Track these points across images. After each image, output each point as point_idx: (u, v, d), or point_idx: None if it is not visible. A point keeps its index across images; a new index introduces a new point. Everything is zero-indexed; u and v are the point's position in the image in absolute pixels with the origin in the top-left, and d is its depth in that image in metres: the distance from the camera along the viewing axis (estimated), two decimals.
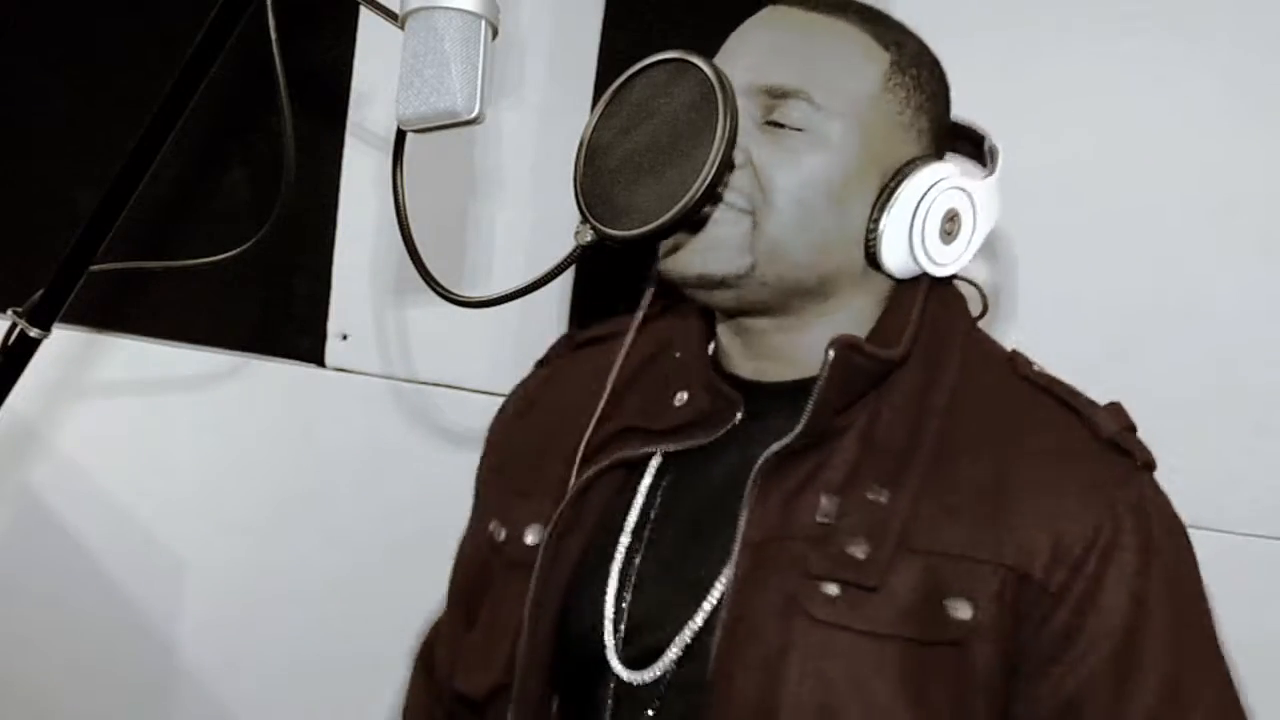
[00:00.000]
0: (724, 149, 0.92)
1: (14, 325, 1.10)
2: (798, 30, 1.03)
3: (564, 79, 1.65)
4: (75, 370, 1.68)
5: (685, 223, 0.96)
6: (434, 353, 1.73)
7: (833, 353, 0.97)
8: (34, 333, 1.10)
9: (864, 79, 1.01)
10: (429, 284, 1.06)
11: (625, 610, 1.03)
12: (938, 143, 1.06)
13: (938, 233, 1.01)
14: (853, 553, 0.94)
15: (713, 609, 0.98)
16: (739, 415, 1.03)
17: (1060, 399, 1.01)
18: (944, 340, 1.03)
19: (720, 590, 0.98)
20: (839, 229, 1.00)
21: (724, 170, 0.93)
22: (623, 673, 1.01)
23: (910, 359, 1.01)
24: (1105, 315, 1.45)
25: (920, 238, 1.00)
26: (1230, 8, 1.41)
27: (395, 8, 1.05)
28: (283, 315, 1.74)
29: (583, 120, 1.02)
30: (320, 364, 1.74)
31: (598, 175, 0.99)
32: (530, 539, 1.08)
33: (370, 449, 1.74)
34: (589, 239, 0.99)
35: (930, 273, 1.02)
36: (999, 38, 1.39)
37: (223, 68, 1.09)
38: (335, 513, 1.74)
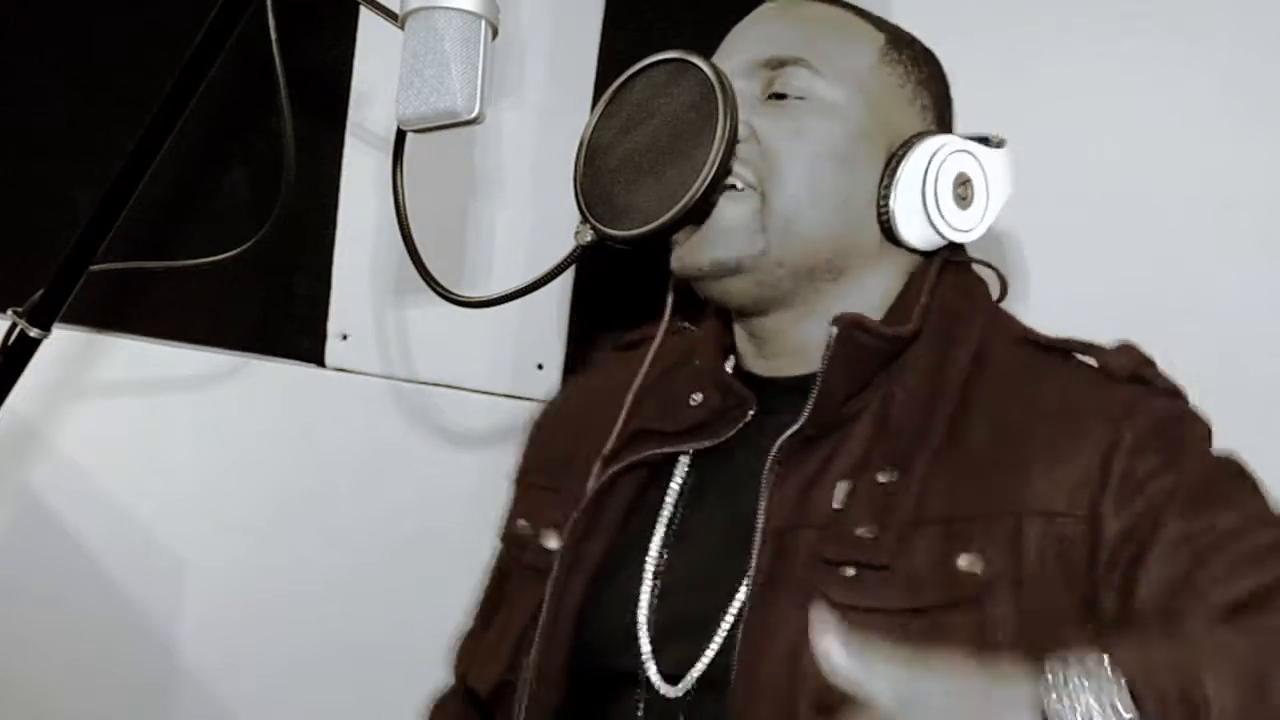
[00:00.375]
0: (724, 149, 0.92)
1: (14, 325, 1.10)
2: (793, 13, 1.05)
3: (564, 79, 1.65)
4: (75, 370, 1.68)
5: (685, 222, 0.96)
6: (434, 353, 1.73)
7: (835, 330, 0.96)
8: (34, 333, 1.10)
9: (860, 52, 1.02)
10: (429, 284, 1.06)
11: (654, 618, 1.02)
12: (943, 124, 1.06)
13: (951, 197, 1.00)
14: (862, 534, 0.93)
15: (739, 608, 0.97)
16: (751, 412, 1.03)
17: (1071, 351, 1.00)
18: (961, 318, 1.01)
19: (745, 587, 0.97)
20: (850, 197, 1.00)
21: (724, 170, 0.93)
22: (659, 684, 0.99)
23: (923, 337, 0.99)
24: (1106, 314, 1.44)
25: (935, 202, 0.99)
26: (1230, 8, 1.41)
27: (395, 8, 1.05)
28: (283, 315, 1.74)
29: (583, 120, 1.02)
30: (320, 364, 1.73)
31: (598, 175, 0.99)
32: (550, 543, 1.07)
33: (370, 449, 1.74)
34: (589, 239, 0.99)
35: (950, 239, 1.01)
36: (999, 38, 1.40)
37: (223, 68, 1.09)
38: (335, 513, 1.74)
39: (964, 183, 1.00)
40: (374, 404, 1.73)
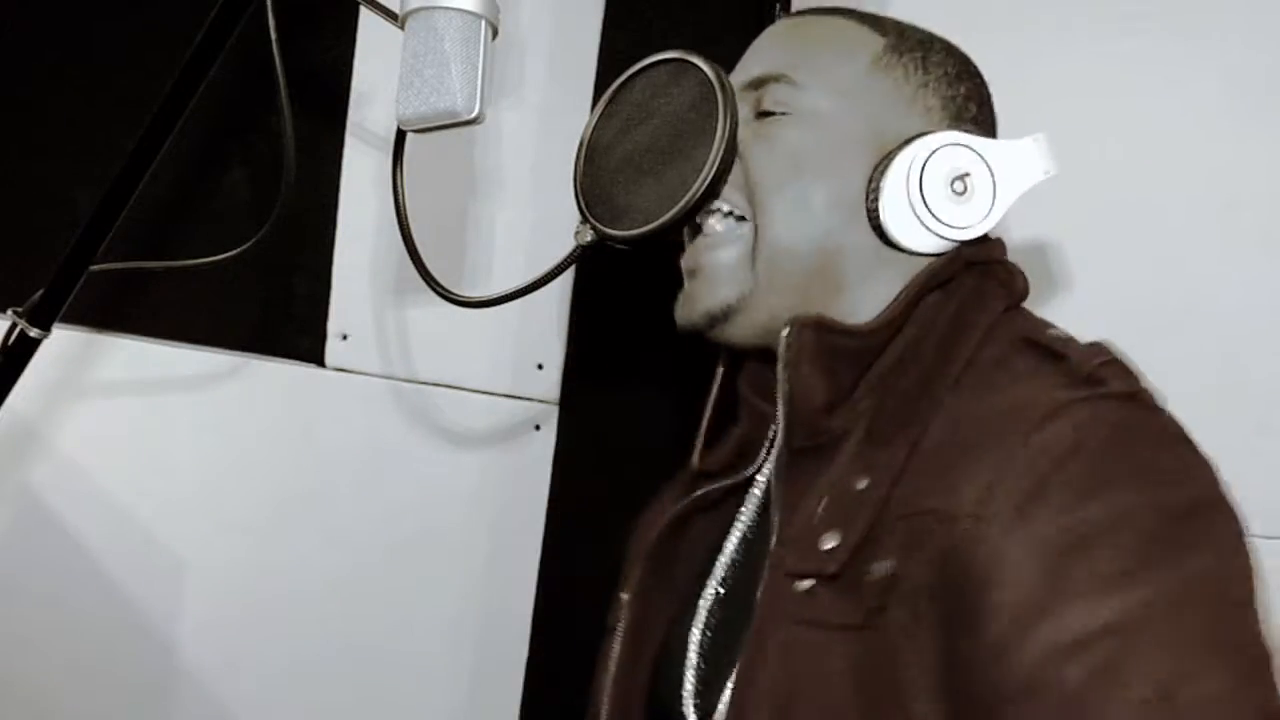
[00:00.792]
0: (724, 149, 0.92)
1: (14, 325, 1.10)
2: (789, 30, 1.03)
3: (564, 79, 1.65)
4: (75, 370, 1.68)
5: (685, 223, 0.96)
6: (434, 353, 1.73)
7: (786, 329, 0.92)
8: (34, 333, 1.10)
9: (851, 59, 0.99)
10: (429, 284, 1.06)
11: (699, 657, 1.00)
12: (959, 124, 1.00)
13: (944, 193, 0.94)
14: (822, 544, 0.89)
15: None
16: (772, 430, 1.01)
17: (1047, 348, 0.91)
18: (968, 324, 0.96)
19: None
20: (833, 205, 0.95)
21: (725, 170, 0.93)
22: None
23: (925, 345, 0.95)
24: (1107, 314, 1.44)
25: (922, 200, 0.94)
26: (1231, 8, 1.41)
27: (395, 8, 1.05)
28: (283, 315, 1.74)
29: (583, 120, 1.02)
30: (320, 364, 1.74)
31: (598, 175, 0.99)
32: (626, 597, 1.06)
33: (370, 449, 1.74)
34: (589, 239, 0.99)
35: (948, 237, 0.95)
36: (998, 38, 1.39)
37: (223, 68, 1.09)
38: (335, 513, 1.74)
39: (960, 177, 0.95)
40: (374, 404, 1.73)
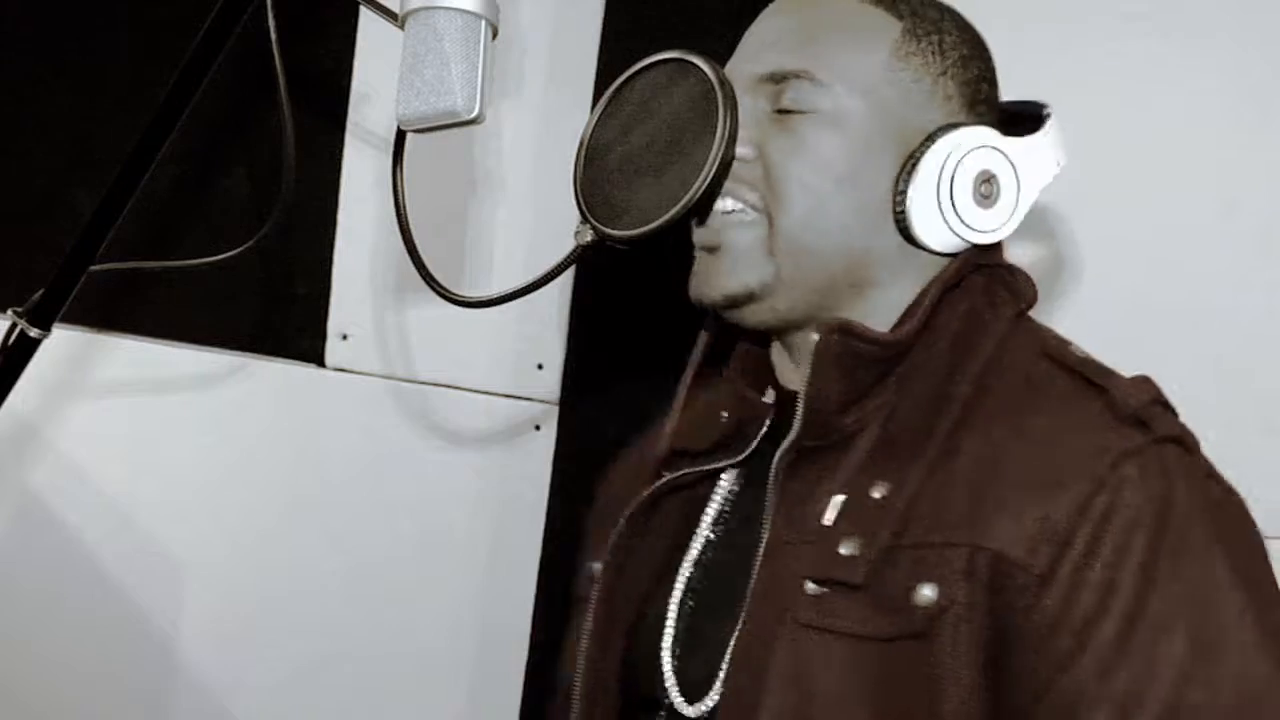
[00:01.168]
0: (724, 148, 0.91)
1: (14, 325, 1.10)
2: (800, 13, 1.00)
3: (564, 79, 1.65)
4: (75, 370, 1.68)
5: (685, 222, 0.96)
6: (434, 353, 1.73)
7: (815, 336, 0.93)
8: (34, 333, 1.10)
9: (871, 50, 0.97)
10: (429, 284, 1.06)
11: (678, 640, 1.00)
12: (975, 110, 0.99)
13: (971, 197, 0.94)
14: (843, 551, 0.89)
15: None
16: (767, 422, 1.01)
17: (1082, 375, 0.92)
18: (981, 327, 0.96)
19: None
20: (857, 210, 0.95)
21: (724, 170, 0.93)
22: (681, 706, 0.98)
23: (938, 346, 0.95)
24: (1107, 315, 1.45)
25: (950, 203, 0.94)
26: (1231, 8, 1.41)
27: (395, 8, 1.05)
28: (283, 315, 1.74)
29: (583, 120, 1.02)
30: (320, 364, 1.74)
31: (598, 175, 0.99)
32: (598, 570, 1.06)
33: (370, 449, 1.74)
34: (589, 239, 0.99)
35: (973, 241, 0.95)
36: (997, 38, 1.39)
37: (223, 68, 1.08)
38: (335, 512, 1.74)
39: (986, 180, 0.95)
40: (374, 404, 1.73)
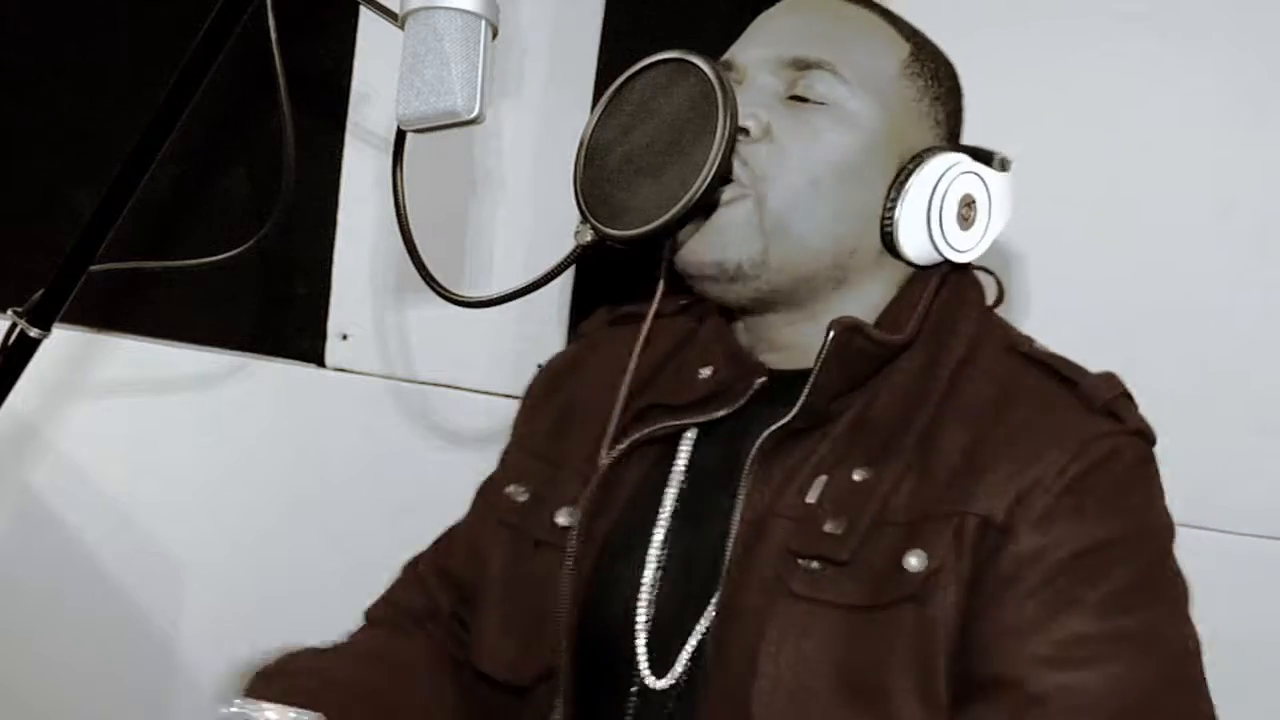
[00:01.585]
0: (723, 149, 0.92)
1: (14, 325, 1.10)
2: (824, 12, 1.04)
3: (564, 79, 1.65)
4: (75, 370, 1.68)
5: (684, 223, 0.96)
6: (434, 353, 1.73)
7: (832, 333, 0.97)
8: (34, 333, 1.10)
9: (886, 61, 1.02)
10: (429, 284, 1.06)
11: (651, 607, 1.02)
12: (953, 139, 1.07)
13: (955, 218, 1.00)
14: (829, 530, 0.94)
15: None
16: (759, 381, 1.03)
17: (1053, 370, 0.99)
18: (952, 325, 1.02)
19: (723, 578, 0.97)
20: (855, 207, 1.00)
21: (724, 170, 0.93)
22: (648, 676, 1.00)
23: (915, 343, 1.01)
24: (1104, 315, 1.45)
25: (939, 222, 1.00)
26: (1229, 8, 1.41)
27: (395, 8, 1.05)
28: (283, 315, 1.74)
29: (583, 120, 1.02)
30: (320, 364, 1.74)
31: (598, 175, 0.99)
32: (561, 519, 1.06)
33: (370, 449, 1.74)
34: (589, 239, 0.99)
35: (950, 258, 1.02)
36: (997, 38, 1.40)
37: (223, 68, 1.08)
38: (335, 513, 1.74)
39: (969, 204, 1.01)
40: (374, 404, 1.73)
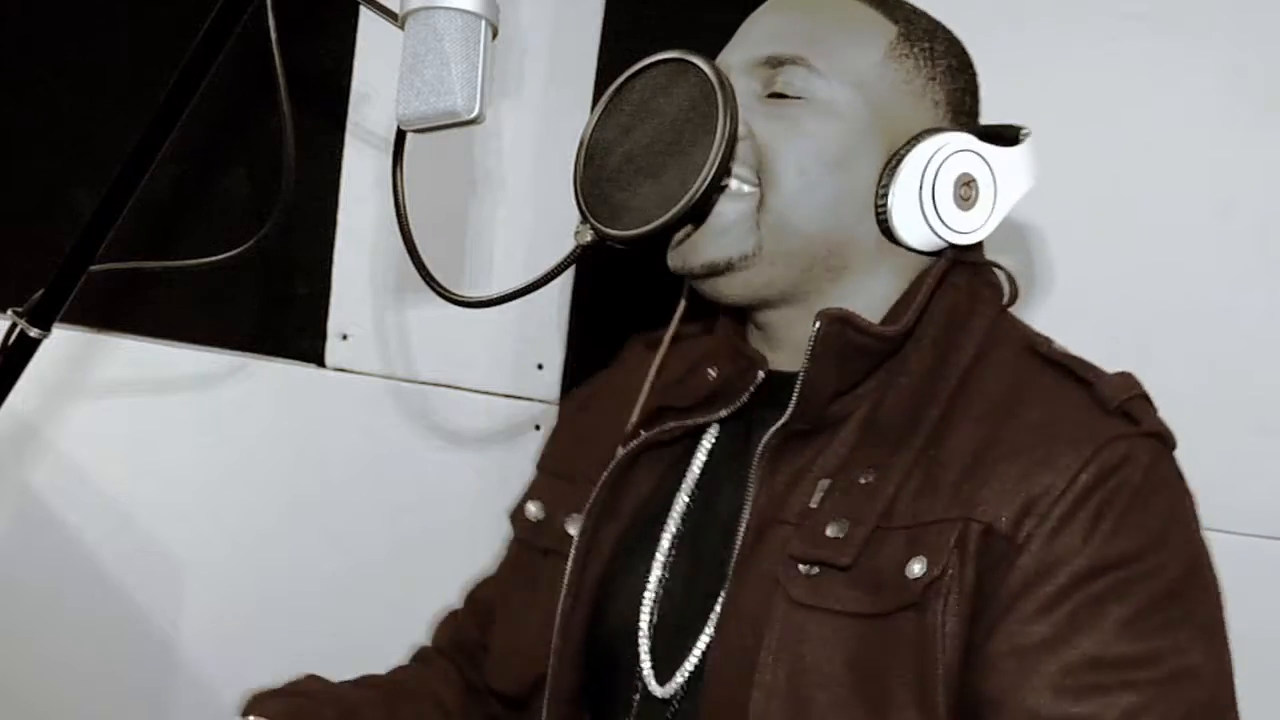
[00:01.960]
0: (724, 149, 0.92)
1: (14, 325, 1.10)
2: (799, 9, 1.03)
3: (564, 79, 1.65)
4: (75, 370, 1.68)
5: (684, 223, 0.96)
6: (434, 353, 1.73)
7: (818, 324, 0.95)
8: (34, 333, 1.09)
9: (866, 47, 1.00)
10: (429, 284, 1.06)
11: (655, 613, 1.01)
12: (958, 119, 1.03)
13: (952, 198, 0.97)
14: (830, 534, 0.92)
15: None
16: (759, 376, 1.02)
17: (1069, 370, 0.96)
18: (964, 323, 0.99)
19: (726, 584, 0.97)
20: (844, 197, 0.98)
21: (724, 170, 0.93)
22: (651, 683, 0.99)
23: (923, 340, 0.98)
24: (1104, 315, 1.45)
25: (932, 203, 0.97)
26: (1230, 7, 1.41)
27: (395, 8, 1.05)
28: (283, 315, 1.74)
29: (583, 120, 1.02)
30: (320, 364, 1.74)
31: (597, 175, 0.99)
32: (570, 528, 1.06)
33: (370, 449, 1.74)
34: (589, 239, 0.99)
35: (951, 241, 0.99)
36: (996, 38, 1.39)
37: (223, 68, 1.08)
38: (335, 513, 1.74)
39: (967, 183, 0.98)
40: (374, 404, 1.73)
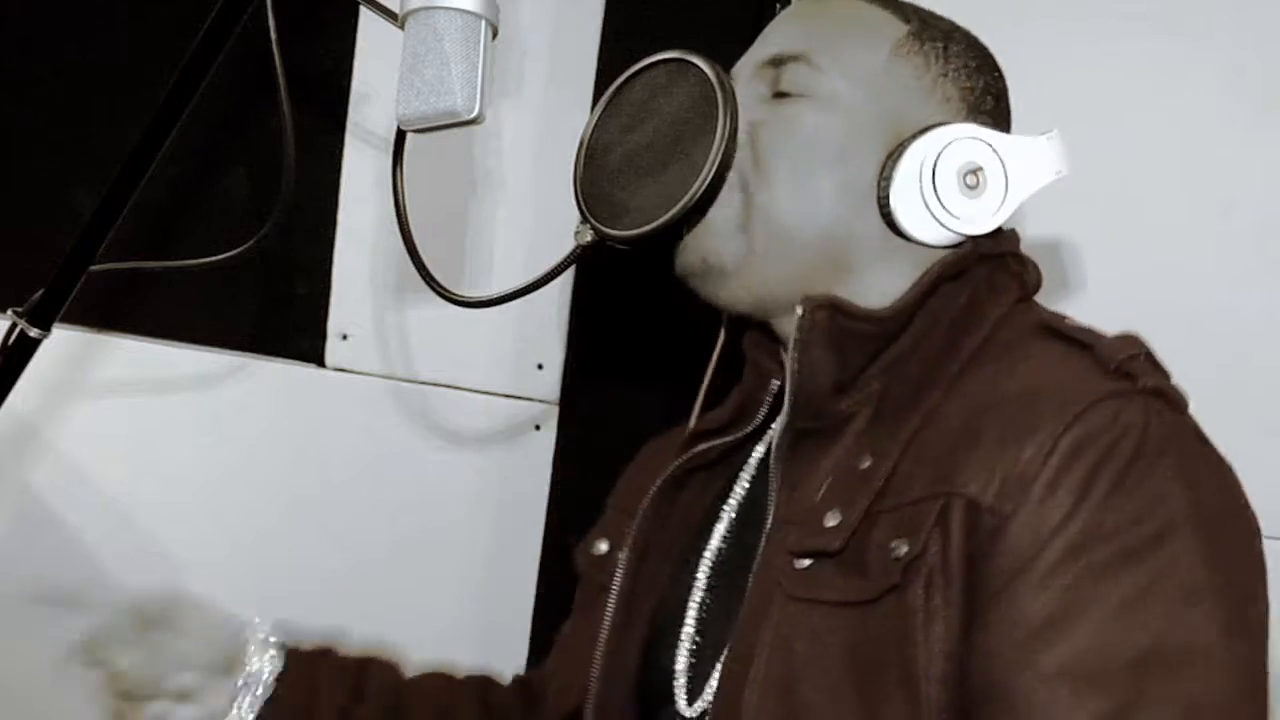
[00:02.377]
0: (724, 148, 0.92)
1: (14, 325, 1.10)
2: (809, 10, 1.03)
3: (564, 79, 1.65)
4: (75, 370, 1.68)
5: (685, 223, 0.96)
6: (434, 353, 1.73)
7: (799, 309, 0.92)
8: (34, 333, 1.09)
9: (872, 44, 0.99)
10: (429, 284, 1.06)
11: (697, 636, 1.00)
12: (976, 116, 1.00)
13: (956, 186, 0.94)
14: (827, 523, 0.89)
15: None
16: (774, 386, 1.02)
17: (1071, 338, 0.91)
18: (979, 312, 0.96)
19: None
20: (842, 191, 0.95)
21: (724, 170, 0.93)
22: (681, 703, 0.98)
23: (936, 330, 0.95)
24: (1104, 315, 1.44)
25: (934, 193, 0.94)
26: (1230, 7, 1.41)
27: (395, 8, 1.05)
28: (283, 315, 1.74)
29: (583, 120, 1.02)
30: (320, 364, 1.74)
31: (598, 175, 0.99)
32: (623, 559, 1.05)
33: (370, 449, 1.74)
34: (589, 239, 0.99)
35: (962, 232, 0.95)
36: (995, 38, 1.39)
37: (223, 68, 1.08)
38: (335, 513, 1.74)
39: (973, 171, 0.95)
40: (374, 404, 1.73)
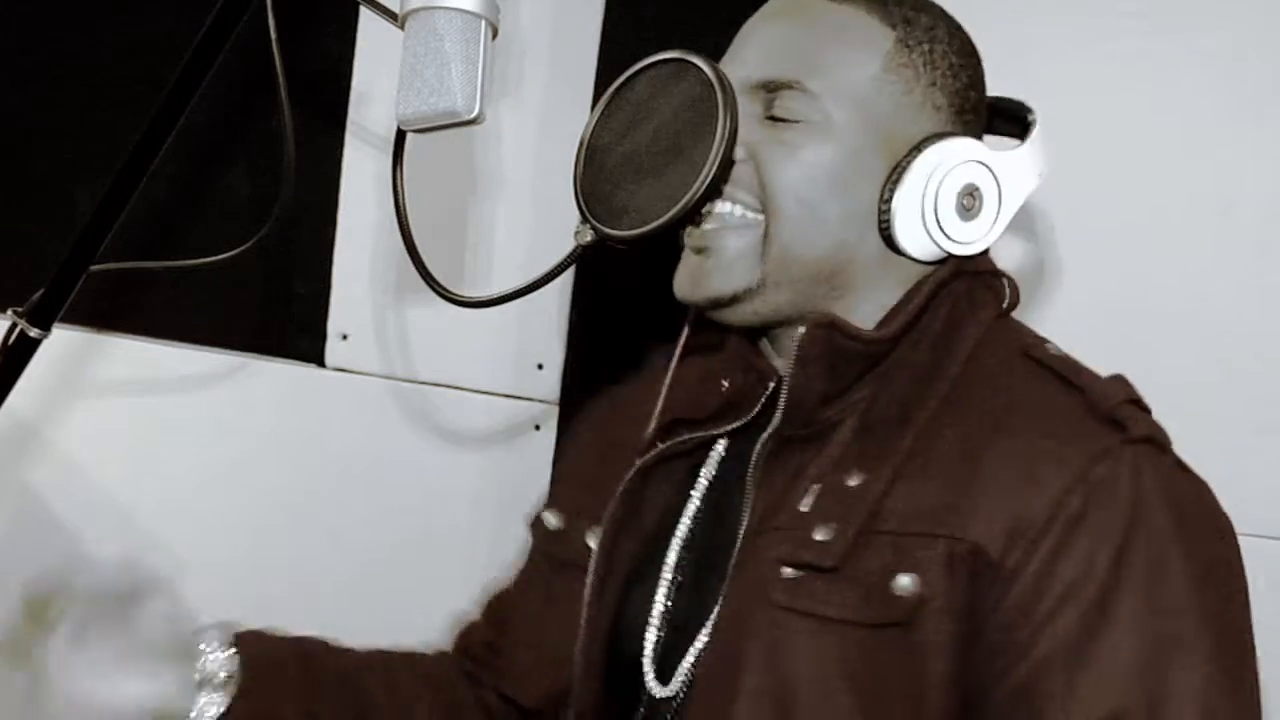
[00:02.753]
0: (724, 148, 0.92)
1: (14, 325, 1.10)
2: (795, 19, 1.01)
3: (564, 79, 1.65)
4: (75, 370, 1.68)
5: (685, 222, 0.96)
6: (434, 353, 1.73)
7: (801, 329, 0.95)
8: (34, 333, 1.09)
9: (863, 62, 0.98)
10: (429, 284, 1.06)
11: (667, 617, 1.02)
12: (962, 118, 1.01)
13: (954, 209, 0.97)
14: (817, 536, 0.92)
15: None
16: (771, 384, 1.02)
17: (1060, 375, 0.95)
18: (960, 327, 0.98)
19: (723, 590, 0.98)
20: (847, 218, 0.97)
21: (724, 170, 0.93)
22: (653, 685, 1.00)
23: (920, 345, 0.98)
24: (1104, 315, 1.45)
25: (934, 214, 0.96)
26: (1229, 8, 1.41)
27: (395, 8, 1.05)
28: (283, 315, 1.74)
29: (583, 120, 1.02)
30: (320, 364, 1.74)
31: (598, 175, 0.99)
32: (590, 539, 1.06)
33: (370, 449, 1.74)
34: (589, 239, 0.99)
35: (953, 252, 0.98)
36: (993, 37, 1.39)
37: (223, 68, 1.08)
38: (335, 513, 1.74)
39: (970, 193, 0.97)
40: (374, 404, 1.73)
